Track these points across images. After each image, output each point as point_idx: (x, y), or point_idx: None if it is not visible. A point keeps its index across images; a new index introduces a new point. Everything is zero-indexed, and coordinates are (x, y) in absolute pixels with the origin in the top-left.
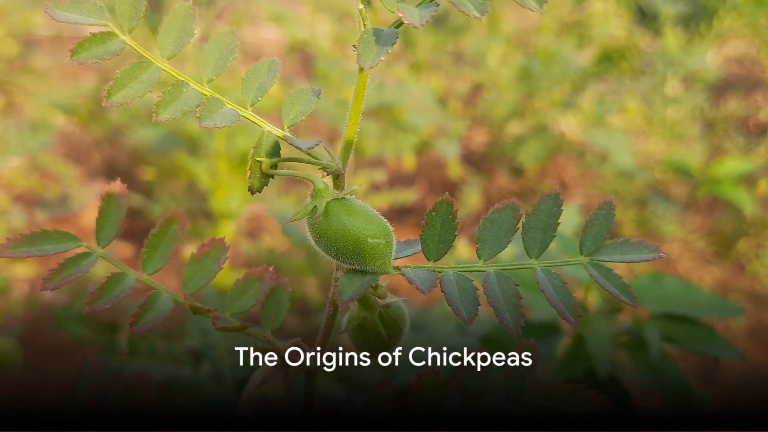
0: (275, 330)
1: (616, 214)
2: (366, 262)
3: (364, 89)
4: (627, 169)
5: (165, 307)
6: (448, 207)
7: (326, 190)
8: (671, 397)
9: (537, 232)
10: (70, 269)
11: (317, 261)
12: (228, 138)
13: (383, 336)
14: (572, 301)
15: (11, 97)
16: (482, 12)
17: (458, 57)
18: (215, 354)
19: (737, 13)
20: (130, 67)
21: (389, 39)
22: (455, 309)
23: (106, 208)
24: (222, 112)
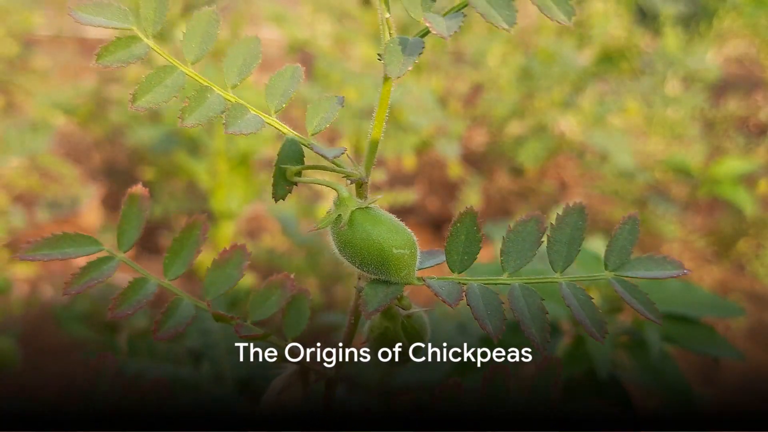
0: (296, 337)
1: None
2: (390, 272)
3: (388, 97)
4: (627, 169)
5: (187, 314)
6: (473, 218)
7: (351, 199)
8: (671, 397)
9: (562, 245)
10: (92, 273)
11: (317, 261)
12: (228, 138)
13: (405, 346)
14: (598, 316)
15: (11, 97)
16: (510, 24)
17: (458, 57)
18: (215, 354)
19: (737, 13)
20: (155, 72)
21: (416, 48)
22: (481, 323)
23: (128, 212)
24: (247, 119)
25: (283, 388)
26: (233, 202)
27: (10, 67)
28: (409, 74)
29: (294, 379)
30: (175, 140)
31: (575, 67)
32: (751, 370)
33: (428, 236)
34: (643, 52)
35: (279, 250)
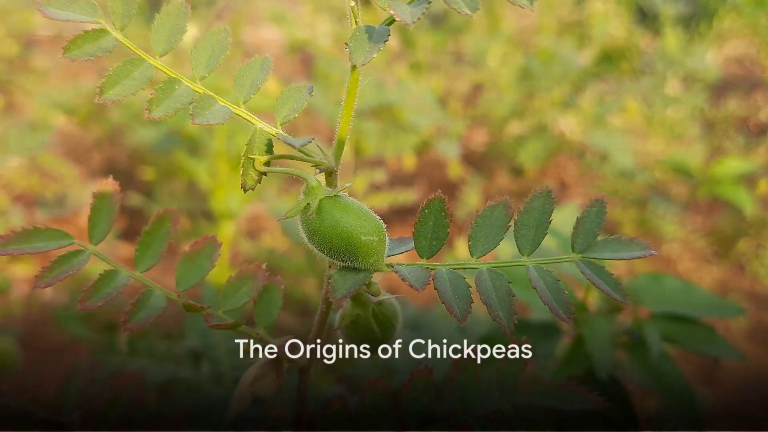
0: (268, 327)
1: (607, 212)
2: (359, 259)
3: (357, 86)
4: (627, 169)
5: (158, 305)
6: (441, 204)
7: (319, 188)
8: (671, 397)
9: (529, 229)
10: (63, 267)
11: (317, 261)
12: (228, 138)
13: (376, 333)
14: (564, 298)
15: (11, 97)
16: (473, 9)
17: (458, 57)
18: (215, 354)
19: (737, 13)
20: (122, 64)
21: (381, 36)
22: (448, 306)
23: (98, 206)
24: (214, 109)
25: (257, 377)
26: (233, 202)
27: (10, 67)
28: (409, 74)
29: (267, 368)
30: (175, 140)
31: (575, 67)
32: (751, 370)
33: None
34: (643, 52)
35: (279, 250)
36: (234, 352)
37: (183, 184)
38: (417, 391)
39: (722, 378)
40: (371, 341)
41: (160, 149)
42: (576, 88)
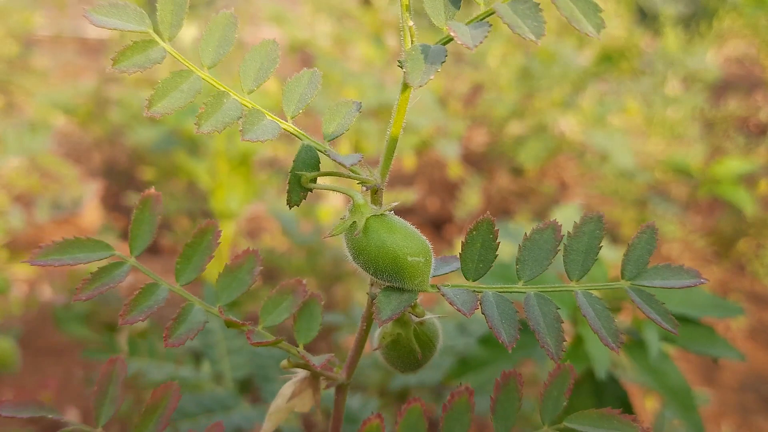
0: (308, 344)
1: (657, 239)
2: (404, 280)
3: (407, 105)
4: (627, 169)
5: (198, 320)
6: (489, 227)
7: (366, 206)
8: (671, 397)
9: (578, 254)
10: (104, 279)
11: (317, 261)
12: (228, 138)
13: (417, 353)
14: (614, 326)
15: (11, 97)
16: (538, 36)
17: (458, 57)
18: (215, 354)
19: (737, 13)
20: (170, 77)
21: (438, 56)
22: (496, 332)
23: (140, 216)
24: (263, 125)
25: (294, 393)
26: (233, 202)
27: (10, 67)
28: None
29: (304, 385)
30: (175, 140)
31: (575, 67)
32: (751, 370)
33: (428, 236)
34: (643, 52)
35: (279, 250)
36: (234, 351)
37: (183, 184)
38: (457, 412)
39: (722, 378)
40: (411, 360)
41: (160, 149)
42: (576, 88)
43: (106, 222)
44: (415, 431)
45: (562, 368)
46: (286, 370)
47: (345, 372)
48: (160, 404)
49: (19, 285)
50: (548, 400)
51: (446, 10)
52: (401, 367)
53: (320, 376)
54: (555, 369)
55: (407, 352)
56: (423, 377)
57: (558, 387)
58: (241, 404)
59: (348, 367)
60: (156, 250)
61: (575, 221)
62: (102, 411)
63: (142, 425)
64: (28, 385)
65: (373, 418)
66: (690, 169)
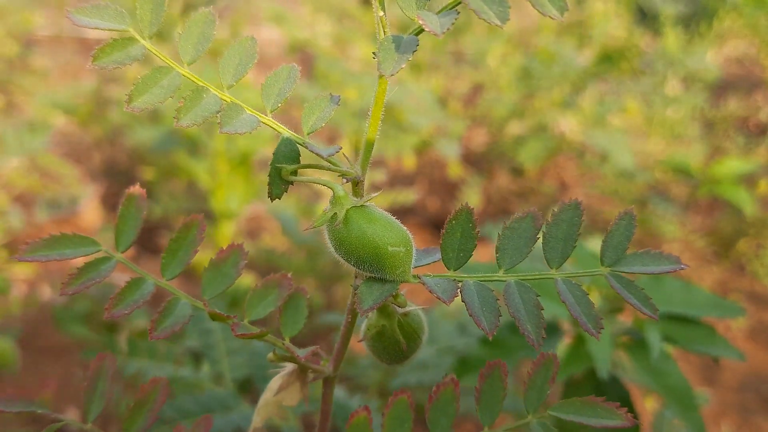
0: (293, 336)
1: (636, 225)
2: (386, 270)
3: (384, 96)
4: (627, 169)
5: (184, 313)
6: (468, 216)
7: (346, 198)
8: (671, 397)
9: (558, 242)
10: (90, 274)
11: (317, 261)
12: (228, 138)
13: (402, 344)
14: (594, 312)
15: (11, 97)
16: (503, 20)
17: (458, 57)
18: (215, 354)
19: (737, 13)
20: (150, 73)
21: (409, 46)
22: (476, 319)
23: (126, 212)
24: (242, 118)
25: (281, 386)
26: (233, 202)
27: (10, 67)
28: (409, 74)
29: (292, 378)
30: (175, 140)
31: (575, 67)
32: (751, 370)
33: (428, 236)
34: (643, 52)
35: (279, 250)
36: (234, 352)
37: (183, 184)
38: (443, 403)
39: (722, 378)
40: (396, 352)
41: (160, 149)
42: (576, 88)
43: (105, 222)
44: (401, 422)
45: (545, 357)
46: (275, 364)
47: (332, 364)
48: (149, 399)
49: (19, 285)
50: (532, 389)
51: (417, 1)
52: (387, 358)
53: (307, 369)
54: (538, 358)
55: (392, 344)
56: (423, 377)
57: (542, 376)
58: (240, 404)
59: (335, 360)
60: (156, 249)
61: (553, 209)
62: (91, 407)
63: (131, 419)
64: (28, 385)
65: (360, 411)
66: (690, 169)
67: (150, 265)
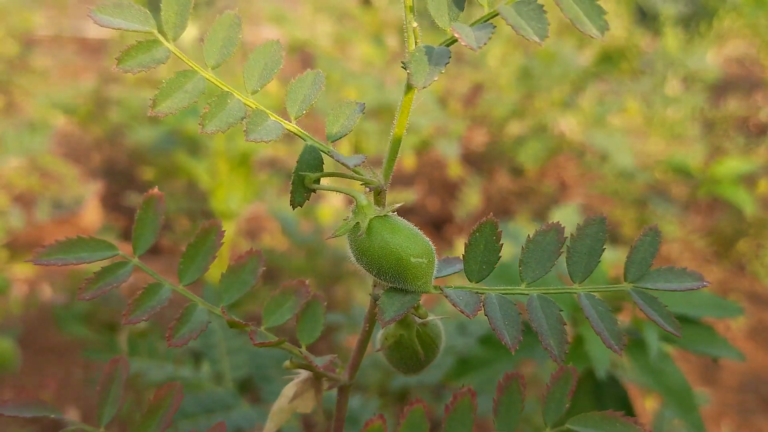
0: (310, 344)
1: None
2: (408, 281)
3: (410, 106)
4: (627, 169)
5: (201, 320)
6: (493, 228)
7: (369, 207)
8: (671, 397)
9: (582, 256)
10: (107, 278)
11: (317, 261)
12: (228, 138)
13: (420, 354)
14: (617, 329)
15: (11, 97)
16: (542, 37)
17: (458, 57)
18: (215, 354)
19: (737, 13)
20: (175, 77)
21: (442, 58)
22: (499, 333)
23: (144, 216)
24: (267, 125)
25: (296, 393)
26: (233, 202)
27: (10, 67)
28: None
29: (306, 385)
30: (175, 140)
31: (575, 67)
32: (751, 370)
33: (428, 236)
34: (643, 52)
35: (279, 250)
36: (234, 351)
37: (183, 184)
38: (460, 413)
39: (722, 378)
40: (414, 362)
41: (160, 149)
42: (576, 88)
43: (106, 222)
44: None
45: (564, 370)
46: (289, 370)
47: (347, 373)
48: (163, 404)
49: (19, 285)
50: (551, 402)
51: (450, 12)
52: (404, 368)
53: (323, 377)
54: (558, 371)
55: (410, 354)
56: (423, 377)
57: (561, 389)
58: (241, 404)
59: (351, 368)
60: (156, 249)
61: (578, 223)
62: (104, 411)
63: (145, 425)
64: (28, 385)
65: (376, 419)
66: (690, 169)
67: (152, 266)
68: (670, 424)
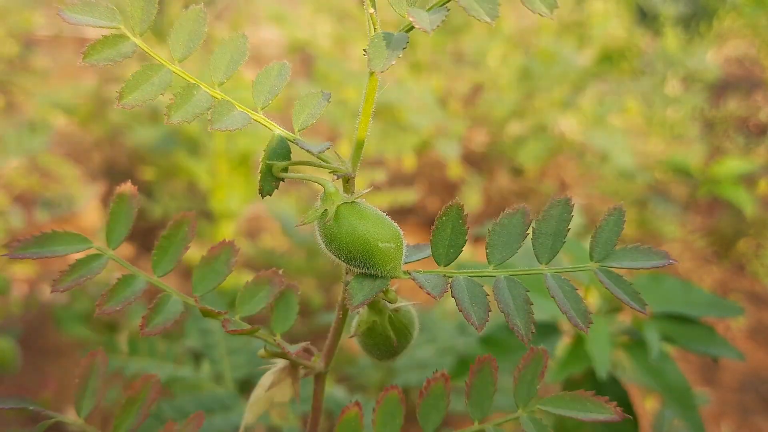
0: (284, 333)
1: (625, 220)
2: (376, 266)
3: (374, 93)
4: (627, 169)
5: (175, 309)
6: (459, 212)
7: (336, 194)
8: (671, 397)
9: (547, 237)
10: (81, 271)
11: (317, 261)
12: (228, 138)
13: (392, 340)
14: (583, 307)
15: (11, 97)
16: (493, 17)
17: (458, 57)
18: (215, 354)
19: (737, 13)
20: (141, 70)
21: (399, 43)
22: (466, 314)
23: (117, 209)
24: (233, 115)
25: (273, 382)
26: (233, 202)
27: (10, 67)
28: (409, 74)
29: (283, 374)
30: (175, 140)
31: (575, 67)
32: (751, 370)
33: (428, 236)
34: (643, 52)
35: (279, 250)
36: (234, 351)
37: (183, 184)
38: (433, 398)
39: (722, 378)
40: (387, 348)
41: (160, 149)
42: (576, 88)
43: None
44: (392, 417)
45: (535, 352)
46: (266, 360)
47: (323, 360)
48: (140, 396)
49: (19, 285)
50: (522, 384)
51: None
52: (378, 354)
53: (298, 365)
54: (528, 353)
55: (383, 340)
56: (423, 377)
57: (531, 371)
58: (241, 404)
59: (326, 356)
60: (152, 246)
61: (544, 206)
62: (83, 403)
63: (122, 416)
64: (28, 385)
65: (351, 407)
66: (690, 169)
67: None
68: (670, 424)
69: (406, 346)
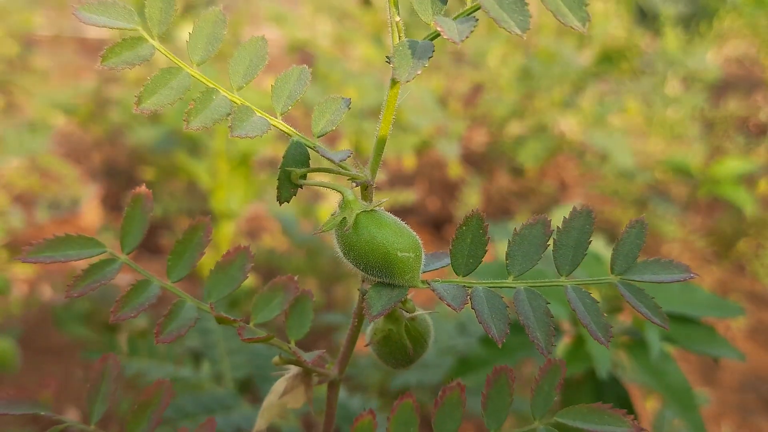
0: (299, 340)
1: (646, 233)
2: (395, 275)
3: (395, 101)
4: (627, 169)
5: (190, 316)
6: (479, 222)
7: (356, 202)
8: (671, 397)
9: (568, 249)
10: (95, 275)
11: (317, 261)
12: (228, 138)
13: (408, 349)
14: (603, 320)
15: (11, 97)
16: (523, 29)
17: (458, 57)
18: (215, 354)
19: (737, 13)
20: (160, 74)
21: (425, 52)
22: (486, 326)
23: (132, 213)
24: (252, 121)
25: (286, 389)
26: (233, 202)
27: (10, 67)
28: None
29: (296, 381)
30: (175, 140)
31: (575, 67)
32: (751, 370)
33: (428, 236)
34: (643, 52)
35: (279, 250)
36: (234, 351)
37: (183, 184)
38: (449, 407)
39: (722, 378)
40: (403, 357)
41: (160, 149)
42: (576, 88)
43: (105, 222)
44: (406, 426)
45: (552, 363)
46: (279, 366)
47: (337, 368)
48: (153, 401)
49: (19, 285)
50: (539, 396)
51: (433, 6)
52: (393, 363)
53: (312, 372)
54: (546, 364)
55: (398, 348)
56: (423, 377)
57: (549, 382)
58: (241, 404)
59: (340, 363)
60: (156, 249)
61: (564, 216)
62: (95, 408)
63: (135, 422)
64: (28, 385)
65: (365, 415)
66: (690, 169)
67: (151, 266)
68: (671, 424)
69: (422, 354)
